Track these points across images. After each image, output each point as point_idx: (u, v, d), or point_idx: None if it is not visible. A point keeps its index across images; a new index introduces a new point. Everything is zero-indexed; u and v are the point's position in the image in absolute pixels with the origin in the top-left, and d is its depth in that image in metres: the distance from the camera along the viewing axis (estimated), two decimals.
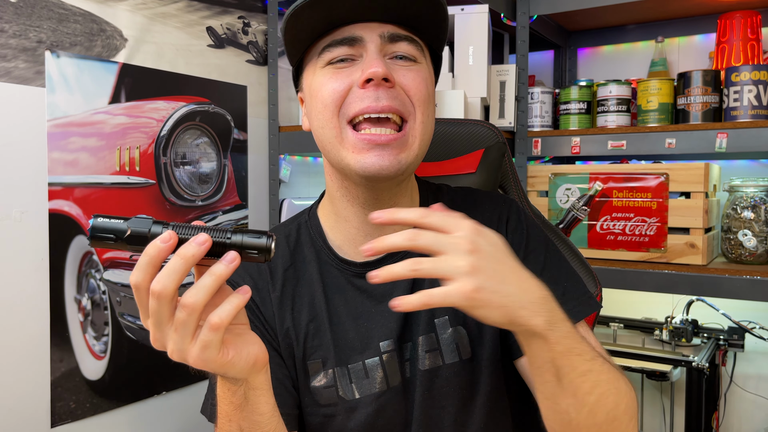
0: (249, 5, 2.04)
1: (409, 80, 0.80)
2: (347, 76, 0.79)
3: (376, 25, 0.80)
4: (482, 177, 1.09)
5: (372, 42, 0.79)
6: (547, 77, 2.39)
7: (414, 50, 0.82)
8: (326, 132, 0.80)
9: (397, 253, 0.85)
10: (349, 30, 0.79)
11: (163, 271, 0.58)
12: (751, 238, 1.68)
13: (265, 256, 0.60)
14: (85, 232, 1.57)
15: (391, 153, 0.78)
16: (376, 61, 0.77)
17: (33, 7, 1.47)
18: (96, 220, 0.59)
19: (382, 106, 0.77)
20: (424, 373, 0.84)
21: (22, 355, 1.46)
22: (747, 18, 1.82)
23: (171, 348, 0.60)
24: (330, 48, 0.80)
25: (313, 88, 0.82)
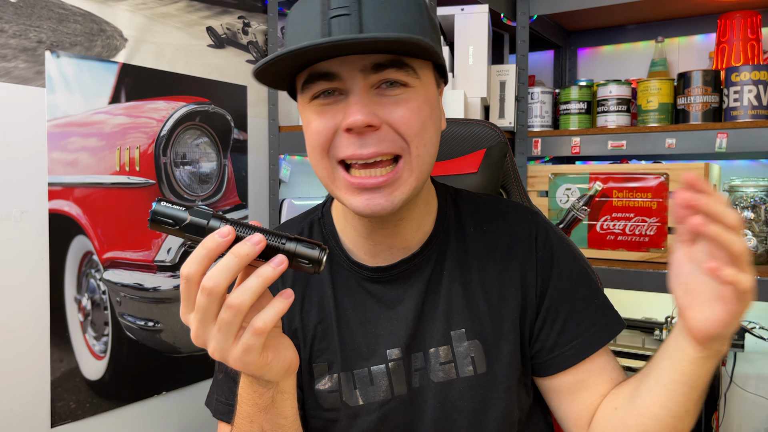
0: (249, 5, 2.04)
1: (396, 117, 0.73)
2: (332, 117, 0.74)
3: (356, 58, 0.71)
4: (484, 177, 1.09)
5: (352, 80, 0.72)
6: (547, 77, 2.40)
7: (404, 75, 0.73)
8: (319, 171, 0.78)
9: (410, 260, 0.84)
10: (326, 65, 0.72)
11: (216, 267, 0.58)
12: (751, 238, 1.69)
13: (315, 268, 0.60)
14: (84, 232, 1.57)
15: (383, 195, 0.74)
16: (356, 106, 0.71)
17: (33, 7, 1.47)
18: (158, 204, 0.59)
19: (369, 153, 0.72)
20: (437, 385, 0.82)
21: (22, 355, 1.46)
22: (747, 18, 1.82)
23: (213, 347, 0.60)
24: (309, 84, 0.74)
25: (303, 121, 0.79)
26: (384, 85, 0.73)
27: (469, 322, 0.83)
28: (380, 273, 0.84)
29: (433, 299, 0.84)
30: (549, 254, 0.87)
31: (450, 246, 0.87)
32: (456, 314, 0.83)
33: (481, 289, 0.84)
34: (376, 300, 0.84)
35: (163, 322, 1.76)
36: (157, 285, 1.74)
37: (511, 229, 0.88)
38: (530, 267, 0.86)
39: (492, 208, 0.91)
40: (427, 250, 0.85)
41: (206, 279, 0.57)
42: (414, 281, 0.84)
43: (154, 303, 1.74)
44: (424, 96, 0.76)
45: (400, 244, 0.84)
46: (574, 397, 0.85)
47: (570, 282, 0.87)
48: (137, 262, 1.69)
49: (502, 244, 0.87)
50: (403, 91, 0.74)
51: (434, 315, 0.84)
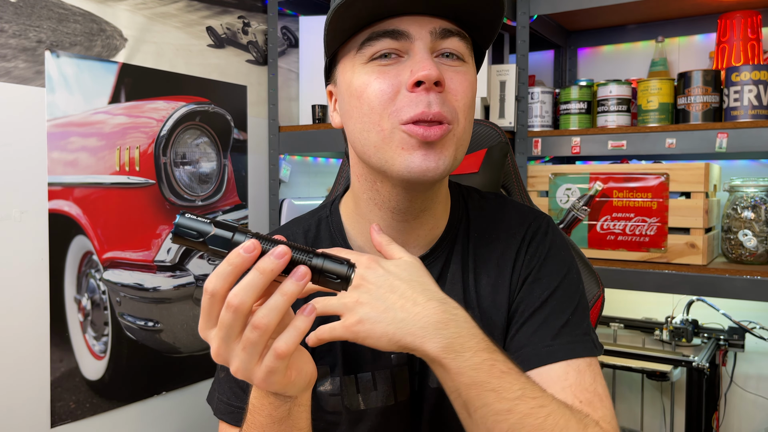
0: (249, 5, 2.04)
1: (456, 84, 0.74)
2: (395, 76, 0.73)
3: (426, 20, 0.72)
4: (485, 177, 1.09)
5: (421, 39, 0.72)
6: (547, 77, 2.39)
7: (464, 48, 0.75)
8: (371, 135, 0.74)
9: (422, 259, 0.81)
10: (394, 22, 0.72)
11: (242, 284, 0.56)
12: (752, 238, 1.68)
13: (343, 286, 0.58)
14: (84, 231, 1.57)
15: (435, 153, 0.72)
16: (428, 62, 0.71)
17: (33, 7, 1.47)
18: (182, 217, 0.58)
19: (434, 112, 0.71)
20: (433, 391, 0.81)
21: (22, 355, 1.46)
22: (747, 18, 1.82)
23: (236, 366, 0.58)
24: (371, 41, 0.73)
25: (354, 87, 0.75)
26: (443, 56, 0.74)
27: None
28: None
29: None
30: (536, 262, 0.83)
31: (456, 249, 0.85)
32: None
33: (475, 293, 0.83)
34: None
35: (163, 322, 1.76)
36: (157, 285, 1.74)
37: (510, 232, 0.86)
38: (516, 269, 0.83)
39: (496, 209, 0.89)
40: (437, 252, 0.84)
41: (232, 296, 0.56)
42: None
43: (154, 303, 1.74)
44: (473, 75, 0.78)
45: (413, 241, 0.83)
46: None
47: (543, 289, 0.81)
48: (137, 262, 1.69)
49: (500, 248, 0.85)
50: (460, 64, 0.75)
51: None
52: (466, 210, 0.89)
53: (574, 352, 0.76)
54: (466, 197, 0.91)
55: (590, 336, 0.80)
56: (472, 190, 0.93)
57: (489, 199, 0.91)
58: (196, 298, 1.85)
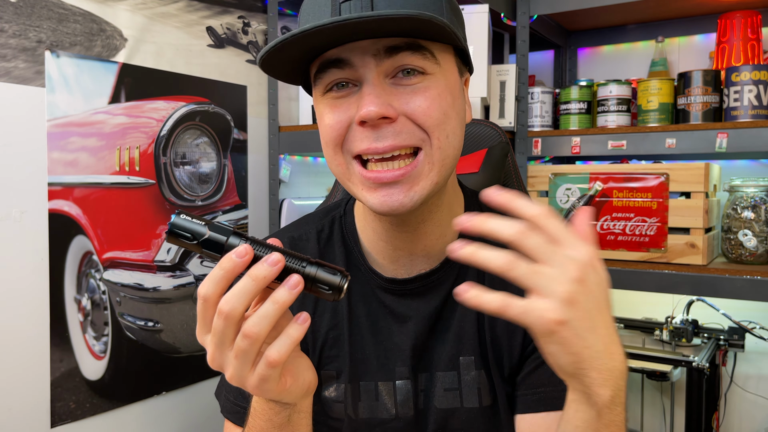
0: (249, 5, 2.04)
1: (414, 107, 0.67)
2: (345, 110, 0.69)
3: (368, 43, 0.66)
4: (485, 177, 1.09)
5: (365, 66, 0.67)
6: (547, 77, 2.39)
7: (420, 60, 0.68)
8: (333, 167, 0.73)
9: (428, 276, 0.79)
10: (336, 52, 0.67)
11: (233, 291, 0.55)
12: (752, 238, 1.68)
13: (335, 296, 0.58)
14: (84, 231, 1.57)
15: (401, 191, 0.68)
16: (369, 97, 0.66)
17: (33, 7, 1.46)
18: (177, 217, 0.58)
19: (384, 146, 0.67)
20: (439, 411, 0.79)
21: (22, 355, 1.46)
22: (747, 18, 1.82)
23: (230, 373, 0.58)
24: (320, 74, 0.69)
25: (317, 116, 0.73)
26: (400, 74, 0.68)
27: (478, 349, 0.78)
28: (395, 285, 0.80)
29: (446, 319, 0.80)
30: None
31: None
32: (467, 339, 0.79)
33: (488, 316, 0.79)
34: (388, 311, 0.80)
35: (163, 322, 1.76)
36: (157, 285, 1.74)
37: None
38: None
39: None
40: (447, 267, 0.80)
41: (223, 303, 0.55)
42: (430, 299, 0.79)
43: (153, 303, 1.74)
44: (444, 83, 0.70)
45: (421, 251, 0.79)
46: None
47: None
48: (137, 262, 1.69)
49: None
50: (421, 80, 0.68)
51: (445, 337, 0.79)
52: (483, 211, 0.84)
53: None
54: (483, 206, 0.84)
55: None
56: None
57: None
58: (195, 298, 1.84)
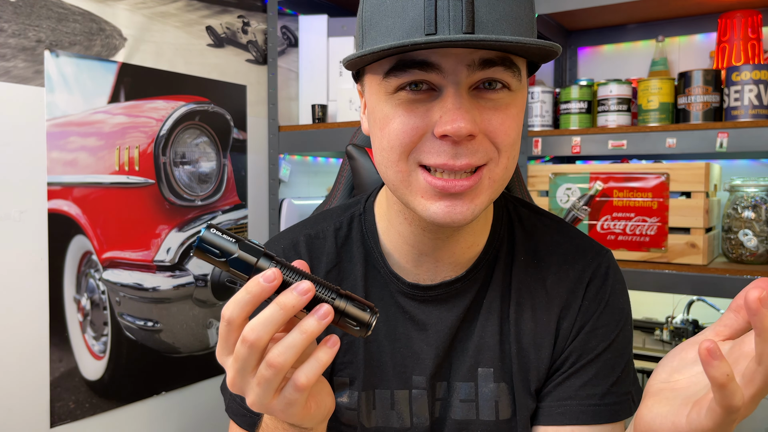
0: (249, 4, 2.04)
1: (496, 126, 0.63)
2: (422, 116, 0.63)
3: (465, 52, 0.61)
4: None
5: (455, 74, 0.61)
6: (548, 77, 2.39)
7: (510, 77, 0.63)
8: (390, 173, 0.67)
9: (452, 283, 0.76)
10: (426, 53, 0.61)
11: (259, 319, 0.53)
12: (752, 238, 1.68)
13: (362, 332, 0.56)
14: (84, 231, 1.57)
15: (464, 203, 0.65)
16: (458, 111, 0.61)
17: (32, 7, 1.46)
18: (207, 231, 0.55)
19: (461, 164, 0.63)
20: (454, 422, 0.76)
21: (22, 355, 1.46)
22: (747, 17, 1.82)
23: (251, 399, 0.56)
24: (396, 72, 0.62)
25: (377, 115, 0.67)
26: (483, 86, 0.63)
27: (498, 362, 0.76)
28: (418, 291, 0.77)
29: (467, 329, 0.77)
30: (595, 307, 0.77)
31: (497, 271, 0.78)
32: (487, 351, 0.76)
33: (515, 327, 0.76)
34: (408, 318, 0.77)
35: (163, 322, 1.76)
36: (156, 285, 1.74)
37: (562, 265, 0.78)
38: (570, 314, 0.76)
39: (550, 236, 0.81)
40: (472, 275, 0.77)
41: (248, 331, 0.53)
42: (452, 306, 0.77)
43: (153, 303, 1.74)
44: (522, 102, 0.67)
45: (447, 258, 0.76)
46: None
47: (599, 341, 0.76)
48: (136, 262, 1.69)
49: (549, 282, 0.77)
50: (504, 95, 0.64)
51: (465, 347, 0.77)
52: (511, 226, 0.81)
53: (617, 415, 0.74)
54: (512, 211, 0.82)
55: (632, 395, 0.77)
56: (521, 204, 0.84)
57: (543, 217, 0.83)
58: (195, 298, 1.85)
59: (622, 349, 0.78)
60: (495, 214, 0.80)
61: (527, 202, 0.86)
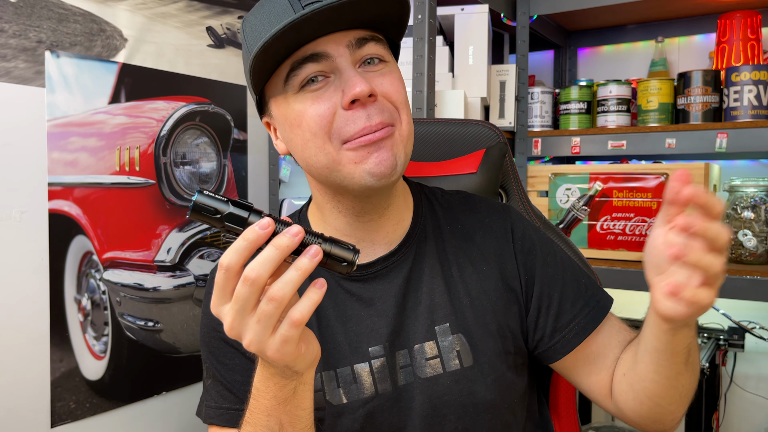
0: (249, 5, 2.04)
1: (387, 86, 0.77)
2: (328, 99, 0.75)
3: (340, 35, 0.75)
4: (483, 177, 1.09)
5: (341, 56, 0.75)
6: (547, 77, 2.39)
7: (382, 49, 0.78)
8: (320, 158, 0.77)
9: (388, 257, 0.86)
10: (311, 47, 0.74)
11: (258, 259, 0.59)
12: (752, 238, 1.68)
13: (348, 269, 0.63)
14: (84, 232, 1.57)
15: (387, 151, 0.76)
16: (356, 77, 0.73)
17: (33, 7, 1.47)
18: (200, 195, 0.61)
19: (376, 123, 0.74)
20: (424, 381, 0.83)
21: (22, 355, 1.46)
22: (747, 18, 1.82)
23: (250, 338, 0.61)
24: (295, 71, 0.75)
25: (291, 117, 0.77)
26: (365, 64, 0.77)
27: (452, 316, 0.84)
28: (358, 271, 0.85)
29: (415, 296, 0.85)
30: (529, 244, 0.90)
31: (428, 243, 0.88)
32: (439, 309, 0.85)
33: (462, 283, 0.86)
34: (356, 298, 0.85)
35: (163, 322, 1.76)
36: (157, 285, 1.74)
37: (483, 224, 0.91)
38: (509, 260, 0.88)
39: (464, 204, 0.93)
40: (405, 248, 0.87)
41: (249, 270, 0.59)
42: (392, 278, 0.85)
43: (154, 303, 1.74)
44: (398, 71, 0.81)
45: (382, 239, 0.86)
46: (590, 370, 0.88)
47: (555, 267, 0.89)
48: (137, 262, 1.69)
49: (477, 239, 0.89)
50: (383, 66, 0.78)
51: (416, 312, 0.85)
52: (431, 205, 0.92)
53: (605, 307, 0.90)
54: (428, 193, 0.94)
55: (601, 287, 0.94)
56: (434, 188, 0.97)
57: (452, 194, 0.96)
58: (196, 298, 1.85)
59: (569, 261, 0.92)
60: (414, 198, 0.91)
61: (432, 186, 0.98)
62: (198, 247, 1.85)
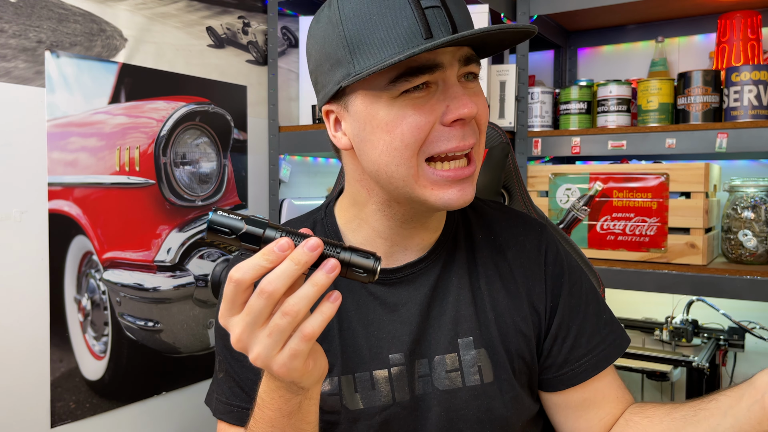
0: (249, 5, 2.04)
1: (482, 108, 0.75)
2: (430, 110, 0.72)
3: (454, 49, 0.72)
4: (486, 177, 1.09)
5: (452, 68, 0.72)
6: (547, 77, 2.39)
7: (478, 69, 0.76)
8: (400, 170, 0.73)
9: (416, 264, 0.84)
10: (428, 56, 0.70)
11: (276, 273, 0.57)
12: (752, 238, 1.68)
13: (370, 277, 0.61)
14: (84, 232, 1.57)
15: (470, 185, 0.75)
16: (465, 98, 0.71)
17: (33, 7, 1.47)
18: (214, 214, 0.60)
19: (468, 144, 0.73)
20: (442, 393, 0.81)
21: (22, 355, 1.46)
22: (747, 18, 1.82)
23: (257, 352, 0.59)
24: (407, 77, 0.70)
25: (382, 119, 0.72)
26: (464, 78, 0.75)
27: (477, 330, 0.82)
28: (384, 275, 0.83)
29: (441, 305, 0.83)
30: (559, 270, 0.88)
31: (459, 252, 0.86)
32: (464, 321, 0.83)
33: (489, 297, 0.84)
34: (379, 302, 0.83)
35: (163, 322, 1.76)
36: (157, 285, 1.74)
37: (518, 240, 0.88)
38: (538, 282, 0.86)
39: (500, 217, 0.91)
40: (434, 255, 0.85)
41: (266, 283, 0.57)
42: (419, 285, 0.83)
43: (154, 303, 1.74)
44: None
45: (416, 245, 0.84)
46: (581, 414, 0.86)
47: (580, 298, 0.87)
48: (137, 262, 1.69)
49: (510, 254, 0.87)
50: (477, 84, 0.77)
51: (441, 321, 0.83)
52: (464, 212, 0.90)
53: (621, 347, 0.88)
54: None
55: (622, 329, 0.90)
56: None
57: (489, 204, 0.94)
58: (196, 298, 1.85)
59: (595, 294, 0.90)
60: None
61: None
62: (198, 247, 1.85)
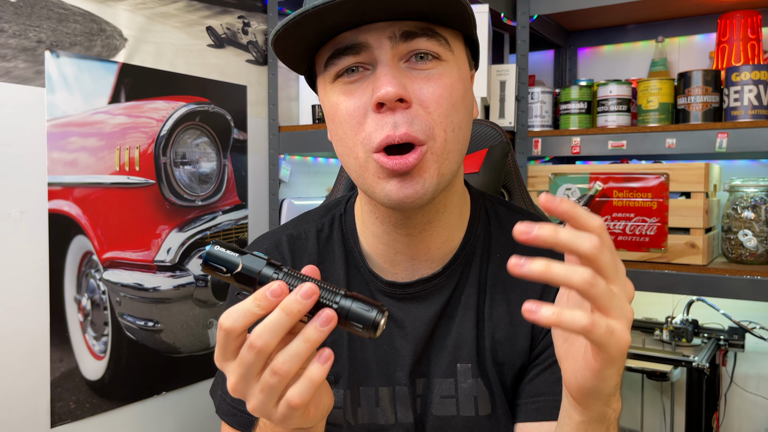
0: (249, 5, 2.04)
1: (427, 92, 0.65)
2: (360, 95, 0.66)
3: (385, 25, 0.65)
4: (486, 177, 1.09)
5: (380, 48, 0.65)
6: (547, 77, 2.39)
7: (436, 46, 0.66)
8: (350, 161, 0.69)
9: (429, 280, 0.77)
10: (350, 35, 0.65)
11: (266, 325, 0.52)
12: (752, 238, 1.68)
13: (370, 333, 0.54)
14: (84, 231, 1.57)
15: (413, 178, 0.66)
16: (386, 77, 0.63)
17: (33, 7, 1.46)
18: (213, 248, 0.56)
19: (400, 135, 0.64)
20: (435, 419, 0.77)
21: (22, 355, 1.46)
22: (747, 18, 1.82)
23: (254, 404, 0.56)
24: (333, 60, 0.67)
25: (327, 108, 0.70)
26: (414, 59, 0.66)
27: (476, 357, 0.76)
28: (396, 289, 0.78)
29: (446, 325, 0.78)
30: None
31: (473, 269, 0.79)
32: (465, 346, 0.77)
33: (489, 323, 0.77)
34: (389, 316, 0.78)
35: (163, 322, 1.76)
36: (156, 285, 1.74)
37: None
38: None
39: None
40: (449, 271, 0.78)
41: (255, 337, 0.52)
42: (430, 303, 0.77)
43: (153, 303, 1.74)
44: (457, 72, 0.68)
45: (423, 255, 0.77)
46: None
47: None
48: (137, 262, 1.69)
49: (522, 280, 0.80)
50: (435, 65, 0.67)
51: (443, 343, 0.77)
52: (488, 224, 0.81)
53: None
54: (489, 210, 0.83)
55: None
56: (499, 202, 0.85)
57: (520, 215, 0.83)
58: (196, 298, 1.85)
59: None
60: (472, 211, 0.80)
61: (505, 200, 0.87)
62: (198, 247, 1.85)
